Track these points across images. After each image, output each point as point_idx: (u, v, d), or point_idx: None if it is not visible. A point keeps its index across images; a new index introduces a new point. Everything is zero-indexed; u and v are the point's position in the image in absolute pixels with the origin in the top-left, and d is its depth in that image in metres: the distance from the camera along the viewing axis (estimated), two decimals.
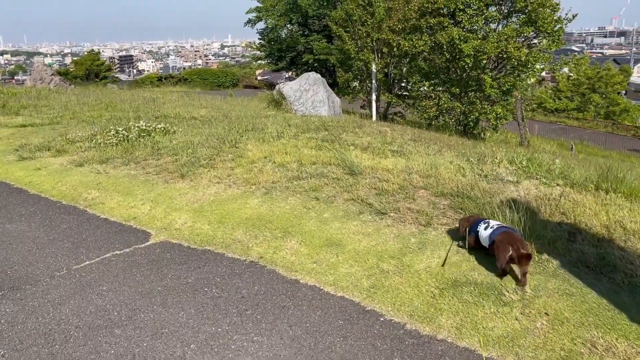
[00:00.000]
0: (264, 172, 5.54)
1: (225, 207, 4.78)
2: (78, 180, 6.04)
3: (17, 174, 6.51)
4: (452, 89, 16.87)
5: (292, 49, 40.87)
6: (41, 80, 26.46)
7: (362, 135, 7.97)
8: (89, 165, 6.61)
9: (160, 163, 6.39)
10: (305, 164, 5.74)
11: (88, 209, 5.17)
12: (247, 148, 6.78)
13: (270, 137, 7.69)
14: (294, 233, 4.09)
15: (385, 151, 6.47)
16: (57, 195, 5.63)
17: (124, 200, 5.25)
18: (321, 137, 7.60)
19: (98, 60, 52.95)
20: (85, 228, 4.65)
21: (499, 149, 6.82)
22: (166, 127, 8.42)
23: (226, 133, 8.05)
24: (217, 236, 4.22)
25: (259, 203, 4.78)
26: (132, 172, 6.18)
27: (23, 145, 7.82)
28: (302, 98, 12.09)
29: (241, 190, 5.13)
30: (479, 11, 15.72)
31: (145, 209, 4.94)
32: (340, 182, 5.07)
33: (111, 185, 5.73)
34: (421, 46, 16.36)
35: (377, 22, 20.85)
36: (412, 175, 5.12)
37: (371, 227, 4.07)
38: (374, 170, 5.38)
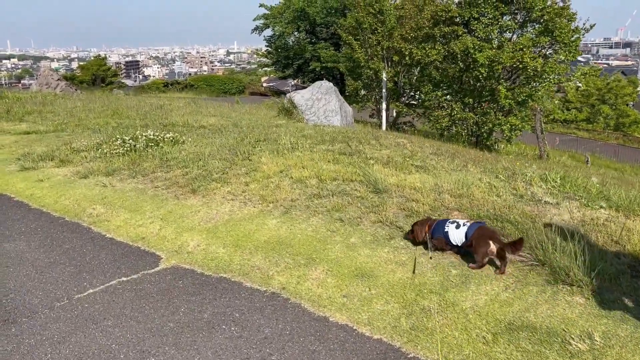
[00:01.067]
0: (282, 189, 5.17)
1: (242, 228, 4.40)
2: (82, 193, 5.68)
3: (18, 186, 6.16)
4: (465, 99, 16.50)
5: (300, 56, 40.67)
6: (47, 85, 26.26)
7: (380, 147, 7.61)
8: (94, 177, 6.26)
9: (169, 176, 6.03)
10: (325, 180, 5.36)
11: (92, 226, 4.80)
12: (262, 161, 6.41)
13: (284, 148, 7.33)
14: (319, 260, 3.71)
15: (407, 166, 6.10)
16: (60, 211, 5.27)
17: (131, 217, 4.88)
18: (338, 150, 7.23)
19: (104, 66, 52.91)
20: (89, 249, 4.28)
21: (527, 165, 6.44)
22: (175, 137, 8.07)
23: (238, 144, 7.70)
24: (234, 262, 3.84)
25: (277, 224, 4.40)
26: (140, 185, 5.81)
27: (26, 154, 7.48)
28: (313, 107, 11.74)
29: (258, 209, 4.75)
30: (494, 20, 15.37)
31: (154, 229, 4.57)
32: (365, 202, 4.68)
33: (117, 200, 5.36)
34: (434, 55, 16.01)
35: (388, 30, 20.56)
36: (442, 194, 4.73)
37: (405, 255, 3.68)
38: (400, 188, 4.99)
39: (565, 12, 15.06)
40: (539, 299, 3.01)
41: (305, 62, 40.90)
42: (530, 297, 3.04)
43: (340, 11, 38.51)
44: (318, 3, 39.20)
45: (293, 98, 12.14)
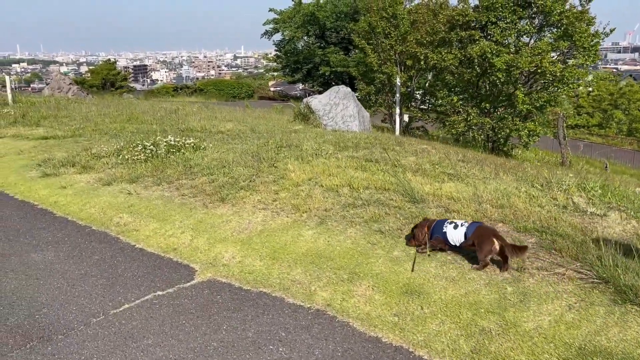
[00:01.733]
0: (313, 198, 5.01)
1: (277, 238, 4.24)
2: (107, 201, 5.55)
3: (41, 193, 6.04)
4: (481, 104, 16.28)
5: (309, 60, 40.59)
6: (59, 90, 26.32)
7: (405, 154, 7.44)
8: (117, 184, 6.13)
9: (195, 184, 5.89)
10: (357, 189, 5.20)
11: (121, 236, 4.67)
12: (288, 168, 6.26)
13: (307, 155, 7.19)
14: (363, 275, 3.54)
15: (438, 174, 5.93)
16: (86, 219, 5.14)
17: (160, 227, 4.74)
18: (363, 156, 7.08)
19: (114, 70, 53.06)
20: (119, 260, 4.14)
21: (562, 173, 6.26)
22: (196, 143, 7.94)
23: (260, 150, 7.56)
24: (272, 275, 3.68)
25: (314, 235, 4.24)
26: (166, 193, 5.68)
27: (46, 160, 7.37)
28: (331, 112, 11.60)
29: (291, 219, 4.60)
30: (512, 24, 15.18)
31: (185, 239, 4.42)
32: (403, 212, 4.52)
33: (144, 209, 5.23)
34: (450, 60, 15.84)
35: (401, 34, 20.41)
36: (483, 205, 4.56)
37: (454, 270, 3.51)
38: (437, 198, 4.83)
39: (584, 16, 14.85)
40: (608, 321, 2.83)
41: (315, 67, 40.80)
42: (597, 318, 2.86)
43: (350, 15, 38.44)
44: (328, 7, 39.16)
45: (310, 103, 12.00)
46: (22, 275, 3.91)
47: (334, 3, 39.01)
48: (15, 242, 4.58)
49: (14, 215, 5.33)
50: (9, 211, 5.46)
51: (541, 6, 14.86)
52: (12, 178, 6.70)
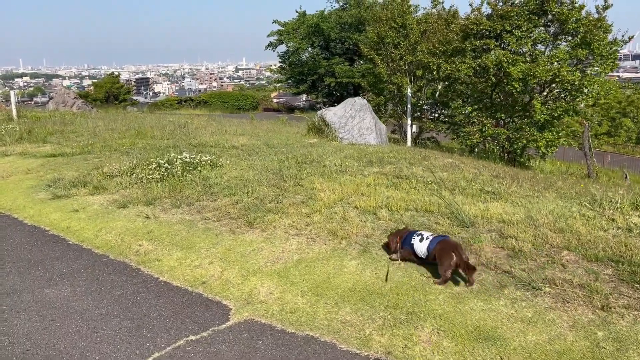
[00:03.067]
0: (350, 222, 4.60)
1: (317, 270, 3.83)
2: (124, 226, 5.15)
3: (52, 217, 5.64)
4: (497, 115, 15.89)
5: (314, 72, 40.36)
6: (64, 104, 26.07)
7: (434, 169, 7.05)
8: (133, 206, 5.74)
9: (217, 205, 5.49)
10: (397, 211, 4.79)
11: (142, 267, 4.26)
12: (315, 187, 5.87)
13: (331, 171, 6.81)
14: (423, 315, 3.13)
15: (477, 192, 5.53)
16: (102, 247, 4.74)
17: (185, 256, 4.33)
18: (390, 173, 6.69)
19: (117, 83, 52.97)
20: (143, 297, 3.73)
21: (610, 189, 5.85)
22: (212, 160, 7.56)
23: (280, 166, 7.18)
24: (318, 315, 3.27)
25: (358, 266, 3.83)
26: (187, 217, 5.28)
27: (56, 180, 6.98)
28: (347, 125, 11.23)
29: (329, 247, 4.19)
30: (527, 33, 14.83)
31: (214, 271, 4.01)
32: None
33: (165, 235, 4.82)
34: (465, 69, 15.47)
35: (411, 44, 20.12)
36: (540, 229, 4.15)
37: (528, 309, 3.09)
38: (487, 221, 4.42)
39: (602, 23, 14.50)
40: None
41: (319, 78, 40.57)
42: None
43: (355, 26, 38.29)
44: (332, 18, 39.02)
45: (325, 116, 11.64)
46: (36, 316, 3.50)
47: (339, 14, 38.89)
48: (27, 275, 4.18)
49: (25, 243, 4.93)
50: (19, 238, 5.06)
51: (557, 14, 14.54)
52: (20, 200, 6.32)
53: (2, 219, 5.67)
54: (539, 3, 14.97)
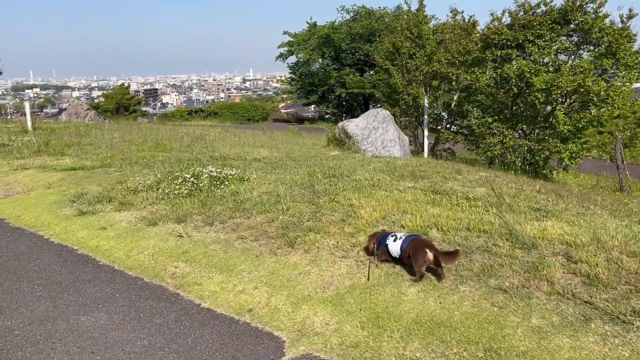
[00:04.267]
0: None
1: (374, 298, 3.54)
2: (156, 245, 4.89)
3: (80, 235, 5.39)
4: (518, 125, 15.59)
5: (324, 82, 40.24)
6: (76, 115, 26.07)
7: (470, 184, 6.76)
8: (163, 224, 5.48)
9: (252, 223, 5.22)
10: (447, 231, 4.50)
11: (180, 291, 3.99)
12: (353, 203, 5.59)
13: (364, 186, 6.54)
14: (504, 354, 2.82)
15: (525, 210, 5.23)
16: (135, 268, 4.48)
17: (226, 280, 4.05)
18: (427, 188, 6.41)
19: (128, 94, 53.17)
20: (186, 326, 3.45)
21: None
22: (239, 174, 7.31)
23: (310, 181, 6.92)
24: (384, 351, 2.97)
25: (419, 294, 3.53)
26: (222, 235, 5.01)
27: (79, 195, 6.75)
28: (370, 137, 10.97)
29: (383, 271, 3.90)
30: (550, 42, 14.56)
31: (260, 297, 3.73)
32: (517, 262, 3.81)
33: (202, 256, 4.55)
34: (485, 80, 15.21)
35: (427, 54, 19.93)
36: (611, 252, 3.84)
37: (623, 347, 2.78)
38: (549, 243, 4.12)
39: (626, 32, 14.22)
40: None
41: (330, 89, 40.45)
42: None
43: (366, 37, 38.20)
44: (343, 29, 38.96)
45: (346, 127, 11.39)
46: (74, 348, 3.24)
47: (349, 25, 38.83)
48: (59, 300, 3.92)
49: (53, 263, 4.68)
50: (48, 258, 4.81)
51: (581, 23, 14.27)
52: (45, 217, 6.08)
53: (28, 237, 5.43)
54: (563, 12, 14.72)
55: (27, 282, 4.29)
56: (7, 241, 5.34)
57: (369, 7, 39.63)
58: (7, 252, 5.03)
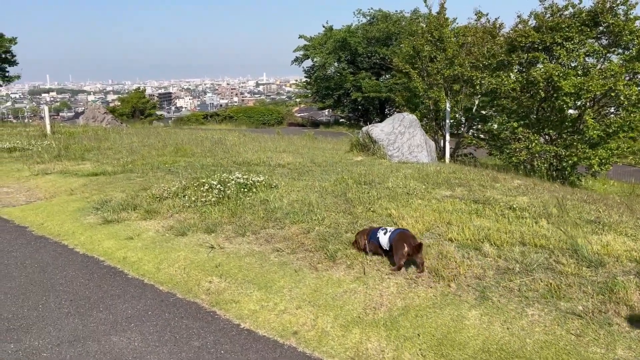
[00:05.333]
0: (451, 259, 4.01)
1: (431, 321, 3.23)
2: (187, 258, 4.63)
3: (106, 245, 5.16)
4: (545, 131, 15.17)
5: (340, 86, 39.99)
6: (94, 119, 26.09)
7: (510, 192, 6.43)
8: (193, 234, 5.22)
9: (287, 234, 4.94)
10: (502, 246, 4.18)
11: (217, 309, 3.71)
12: (391, 213, 5.30)
13: (398, 194, 6.25)
14: None
15: (579, 221, 4.88)
16: (167, 283, 4.22)
17: (265, 297, 3.77)
18: (466, 197, 6.10)
19: (143, 98, 53.41)
20: (227, 349, 3.18)
21: None
22: (267, 180, 7.05)
23: (340, 188, 6.64)
24: None
25: (482, 317, 3.22)
26: (255, 247, 4.74)
27: (103, 203, 6.53)
28: (396, 142, 10.66)
29: (438, 291, 3.59)
30: (580, 45, 14.14)
31: (305, 318, 3.44)
32: (585, 281, 3.48)
33: (237, 270, 4.28)
34: (511, 84, 14.83)
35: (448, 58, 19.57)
36: None
37: None
38: (615, 260, 3.78)
39: None
40: None
41: (346, 93, 40.20)
42: None
43: (383, 41, 37.90)
44: (359, 33, 38.72)
45: (371, 132, 11.10)
46: None
47: (366, 28, 38.58)
48: (89, 318, 3.67)
49: (80, 277, 4.44)
50: (73, 271, 4.57)
51: (612, 26, 13.84)
52: (68, 225, 5.86)
53: (52, 247, 5.21)
54: (592, 14, 14.30)
55: (53, 296, 4.05)
56: (31, 251, 5.12)
57: (386, 11, 39.34)
58: (31, 262, 4.80)
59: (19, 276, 4.48)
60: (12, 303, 3.93)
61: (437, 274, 3.78)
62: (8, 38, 29.62)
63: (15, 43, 29.82)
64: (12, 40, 29.75)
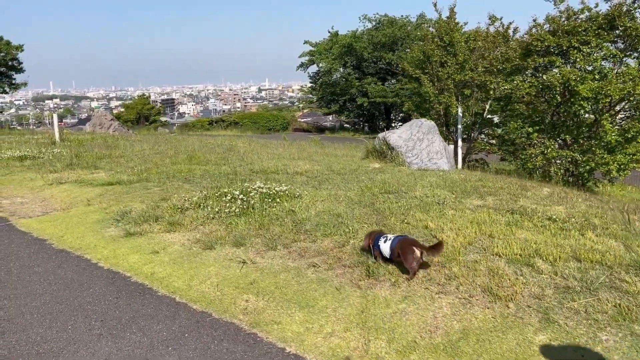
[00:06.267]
0: (503, 276, 3.78)
1: (495, 347, 3.01)
2: (219, 274, 4.42)
3: (131, 259, 4.95)
4: (561, 136, 14.93)
5: (345, 92, 39.84)
6: (100, 126, 25.97)
7: (543, 201, 6.21)
8: (221, 247, 5.01)
9: (320, 248, 4.73)
10: (555, 262, 3.95)
11: (257, 331, 3.49)
12: (428, 225, 5.08)
13: (428, 204, 6.03)
14: None
15: (627, 234, 4.66)
16: (200, 301, 4.00)
17: (308, 318, 3.55)
18: (500, 207, 5.89)
19: (148, 105, 53.42)
20: None
21: None
22: (290, 190, 6.84)
23: (366, 198, 6.44)
24: None
25: (551, 342, 2.99)
26: (290, 262, 4.52)
27: (123, 214, 6.33)
28: (415, 149, 10.45)
29: (496, 312, 3.36)
30: (597, 49, 13.93)
31: (356, 342, 3.22)
32: None
33: (273, 287, 4.06)
34: (526, 88, 14.61)
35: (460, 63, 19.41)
36: None
37: None
38: None
39: None
40: None
41: (351, 98, 40.03)
42: None
43: (388, 46, 37.77)
44: (365, 38, 38.60)
45: (388, 139, 10.89)
46: None
47: (371, 33, 38.44)
48: (122, 340, 3.45)
49: (107, 294, 4.22)
50: (100, 287, 4.36)
51: (629, 29, 13.64)
52: (90, 238, 5.66)
53: (75, 262, 5.00)
54: (609, 18, 14.10)
55: (82, 316, 3.84)
56: (54, 266, 4.91)
57: (392, 16, 39.22)
58: (55, 279, 4.60)
59: (44, 294, 4.27)
60: (40, 324, 3.72)
61: (492, 292, 3.55)
62: (15, 45, 29.59)
63: (22, 50, 29.80)
64: (19, 47, 29.72)
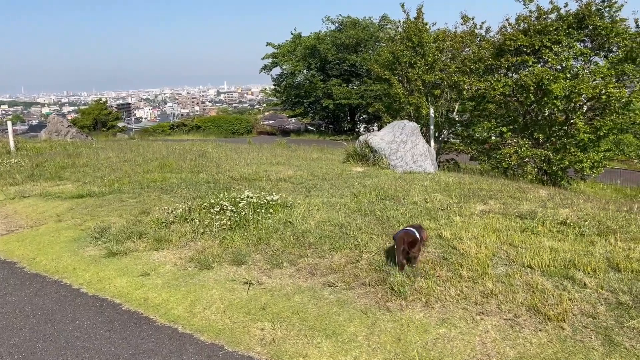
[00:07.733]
0: (545, 292, 3.48)
1: None
2: (223, 298, 3.95)
3: (118, 283, 4.40)
4: (534, 135, 15.06)
5: (310, 94, 39.50)
6: (57, 133, 24.68)
7: (546, 204, 6.01)
8: (219, 266, 4.54)
9: (332, 264, 4.32)
10: (595, 273, 3.69)
11: None
12: (442, 235, 4.76)
13: (431, 210, 5.73)
14: None
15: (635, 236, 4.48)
16: (207, 331, 3.53)
17: (339, 349, 3.14)
18: (505, 211, 5.66)
19: (105, 110, 51.53)
20: None
21: None
22: (282, 199, 6.40)
23: (363, 205, 6.08)
24: None
25: None
26: (301, 282, 4.10)
27: (101, 230, 5.73)
28: (399, 151, 10.18)
29: (551, 335, 3.04)
30: (567, 48, 14.10)
31: None
32: None
33: (289, 312, 3.63)
34: (500, 88, 14.65)
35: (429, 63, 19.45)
36: None
37: None
38: None
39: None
40: None
41: (316, 100, 39.72)
42: None
43: (352, 47, 37.68)
44: (328, 40, 38.37)
45: (370, 141, 10.58)
46: None
47: (335, 35, 38.26)
48: None
49: (97, 327, 3.68)
50: (87, 319, 3.81)
51: (598, 28, 13.86)
52: (66, 259, 5.05)
53: (53, 288, 4.41)
54: (579, 17, 14.30)
55: (72, 355, 3.30)
56: (29, 294, 4.31)
57: (354, 17, 39.16)
58: (32, 310, 4.01)
59: (22, 328, 3.70)
60: None
61: (539, 311, 3.24)
62: None
63: None
64: None
